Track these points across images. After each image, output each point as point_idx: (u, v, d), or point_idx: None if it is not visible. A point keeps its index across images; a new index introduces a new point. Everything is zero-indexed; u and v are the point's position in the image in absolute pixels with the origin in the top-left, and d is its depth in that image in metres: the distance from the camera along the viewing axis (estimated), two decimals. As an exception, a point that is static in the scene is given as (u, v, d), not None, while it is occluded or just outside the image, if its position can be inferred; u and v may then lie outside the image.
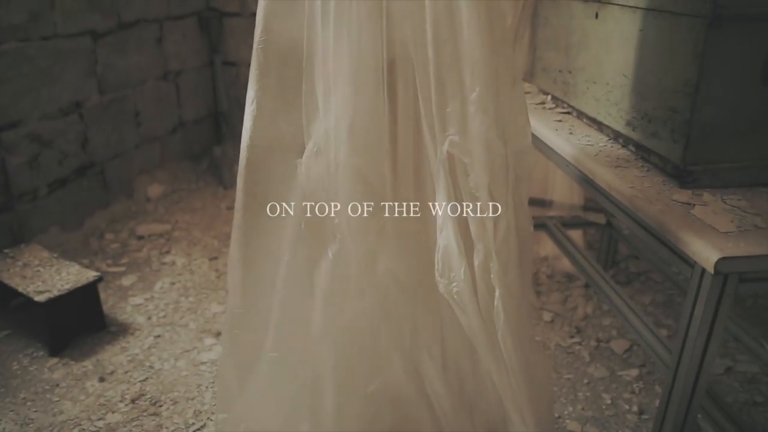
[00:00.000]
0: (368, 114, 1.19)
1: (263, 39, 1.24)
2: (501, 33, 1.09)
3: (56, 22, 2.68)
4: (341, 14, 1.12)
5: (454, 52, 1.06)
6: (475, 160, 1.10)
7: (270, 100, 1.28)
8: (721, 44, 1.14)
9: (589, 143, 1.49)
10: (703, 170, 1.22)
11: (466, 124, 1.09)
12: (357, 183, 1.25)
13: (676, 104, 1.23)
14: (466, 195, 1.14)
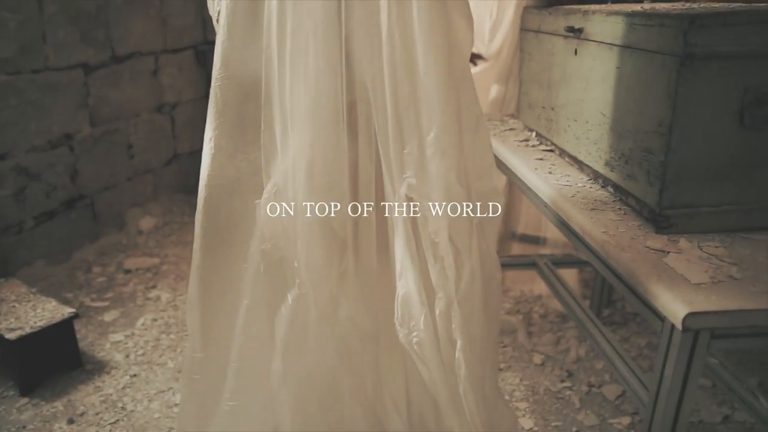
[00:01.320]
0: (327, 155, 1.14)
1: (221, 76, 1.20)
2: (462, 73, 1.04)
3: (47, 55, 2.69)
4: (298, 53, 1.08)
5: (411, 93, 1.01)
6: (434, 205, 1.04)
7: (228, 138, 1.24)
8: (695, 83, 1.08)
9: (567, 184, 1.43)
10: (680, 215, 1.15)
11: (424, 167, 1.03)
12: (317, 226, 1.20)
13: (651, 145, 1.17)
14: (426, 241, 1.09)
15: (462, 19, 1.00)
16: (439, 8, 0.98)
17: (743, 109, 1.10)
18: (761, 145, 1.13)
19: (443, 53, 0.99)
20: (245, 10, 1.15)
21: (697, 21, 1.05)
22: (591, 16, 1.42)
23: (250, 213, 1.27)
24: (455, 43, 1.01)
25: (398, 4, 0.98)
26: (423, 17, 0.96)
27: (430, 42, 0.97)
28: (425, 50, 0.98)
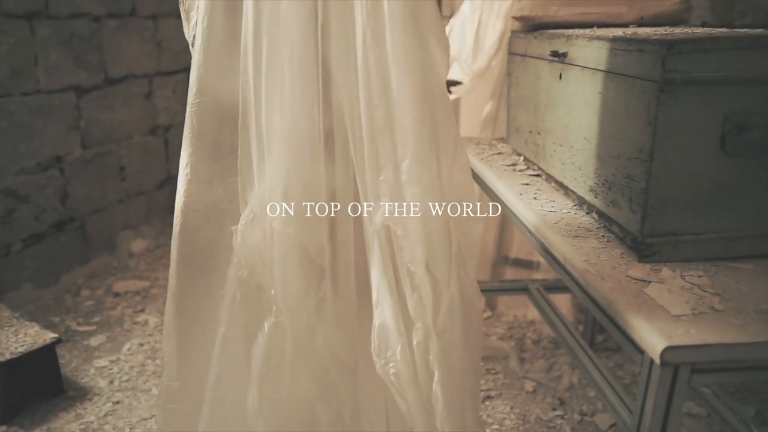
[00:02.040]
0: (304, 181, 1.13)
1: (196, 101, 1.19)
2: (438, 98, 1.03)
3: (39, 78, 2.69)
4: (273, 78, 1.06)
5: (386, 118, 1.00)
6: (410, 232, 1.02)
7: (205, 164, 1.23)
8: (674, 110, 1.06)
9: (551, 210, 1.41)
10: (662, 243, 1.13)
11: (400, 194, 1.01)
12: (294, 252, 1.17)
13: (633, 172, 1.15)
14: (403, 269, 1.06)
15: (437, 44, 0.99)
16: (414, 33, 0.97)
17: (725, 136, 1.09)
18: (744, 172, 1.11)
19: (418, 78, 0.98)
20: (221, 35, 1.14)
21: (676, 47, 1.03)
22: (574, 41, 1.41)
23: (228, 239, 1.24)
24: (431, 68, 1.00)
25: (372, 29, 0.97)
26: (396, 42, 0.95)
27: (404, 67, 0.96)
28: (399, 75, 0.96)
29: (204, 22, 1.16)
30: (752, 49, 1.04)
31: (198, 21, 1.18)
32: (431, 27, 0.99)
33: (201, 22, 1.17)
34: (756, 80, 1.06)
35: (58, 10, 2.76)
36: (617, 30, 1.43)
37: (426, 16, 0.97)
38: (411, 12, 0.95)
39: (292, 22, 1.03)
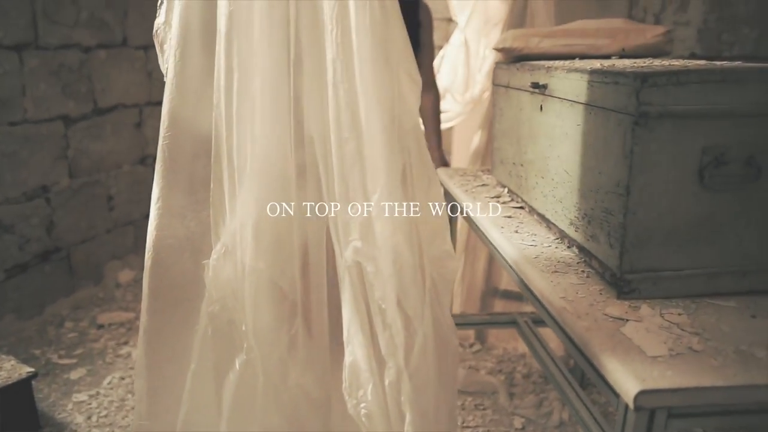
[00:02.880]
0: (275, 216, 1.10)
1: (168, 134, 1.17)
2: (411, 133, 1.01)
3: (26, 108, 2.69)
4: (244, 111, 1.05)
5: (356, 152, 0.98)
6: (380, 269, 0.99)
7: (177, 197, 1.20)
8: (650, 143, 1.04)
9: (532, 244, 1.38)
10: (642, 279, 1.10)
11: (370, 229, 0.99)
12: (265, 288, 1.14)
13: (611, 206, 1.13)
14: (374, 307, 1.03)
15: (408, 78, 0.98)
16: (384, 67, 0.95)
17: (703, 170, 1.06)
18: (724, 206, 1.09)
19: (388, 112, 0.96)
20: (193, 67, 1.12)
21: (650, 80, 1.02)
22: (554, 72, 1.40)
23: (200, 274, 1.22)
24: (402, 102, 0.98)
25: (342, 62, 0.95)
26: (365, 75, 0.93)
27: (374, 100, 0.94)
28: (368, 108, 0.95)
29: (176, 54, 1.15)
30: (727, 82, 1.03)
31: (170, 53, 1.16)
32: (402, 61, 0.97)
33: (173, 54, 1.15)
34: (732, 113, 1.04)
35: (47, 41, 2.77)
36: (597, 62, 1.42)
37: (397, 49, 0.96)
38: (381, 45, 0.94)
39: (264, 54, 1.02)
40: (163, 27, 1.17)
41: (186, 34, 1.12)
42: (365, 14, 0.91)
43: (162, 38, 1.21)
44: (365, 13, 0.91)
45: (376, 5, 0.90)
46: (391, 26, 0.94)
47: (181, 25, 1.12)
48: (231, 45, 1.02)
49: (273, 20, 1.00)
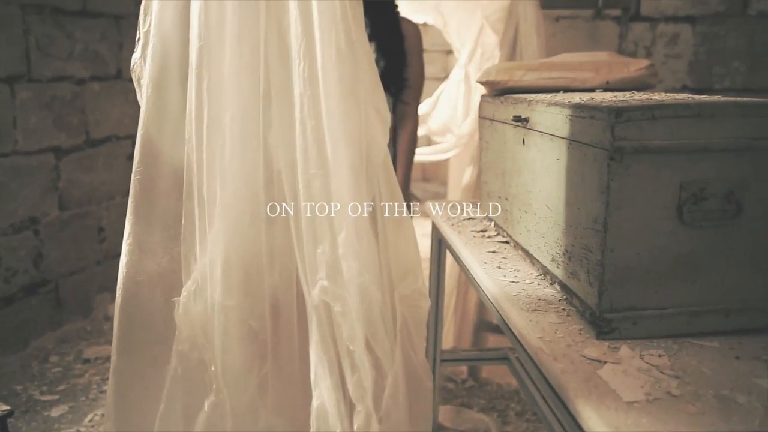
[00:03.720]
0: (244, 253, 1.08)
1: (140, 169, 1.16)
2: (380, 169, 0.99)
3: (17, 139, 2.69)
4: (214, 147, 1.03)
5: (324, 188, 0.95)
6: (348, 309, 0.96)
7: (148, 233, 1.18)
8: (626, 179, 1.02)
9: (514, 280, 1.35)
10: (622, 318, 1.06)
11: (337, 268, 0.96)
12: (235, 327, 1.11)
13: (589, 242, 1.10)
14: (342, 348, 0.99)
15: (377, 114, 0.96)
16: (351, 102, 0.93)
17: (682, 206, 1.04)
18: (705, 243, 1.06)
19: (356, 148, 0.94)
20: (167, 102, 1.11)
21: (624, 114, 1.00)
22: (535, 106, 1.38)
23: (171, 311, 1.19)
24: (371, 139, 0.96)
25: (309, 97, 0.94)
26: (332, 111, 0.91)
27: (341, 136, 0.93)
28: (335, 144, 0.92)
29: (149, 88, 1.14)
30: (702, 116, 1.01)
31: (144, 87, 1.15)
32: (371, 97, 0.96)
33: (146, 88, 1.14)
34: (709, 148, 1.02)
35: (40, 73, 2.78)
36: (578, 95, 1.41)
37: (365, 84, 0.94)
38: (347, 80, 0.92)
39: (234, 89, 1.01)
40: (140, 62, 1.17)
41: (159, 69, 1.11)
42: (331, 49, 0.90)
43: (139, 73, 1.20)
44: (331, 47, 0.90)
45: (342, 40, 0.89)
46: (359, 61, 0.93)
47: (155, 59, 1.11)
48: (201, 79, 1.00)
49: (243, 55, 0.99)
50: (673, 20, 2.61)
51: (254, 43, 0.98)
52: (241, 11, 0.96)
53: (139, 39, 1.13)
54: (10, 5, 2.64)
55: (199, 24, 0.97)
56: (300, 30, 0.91)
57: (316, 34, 0.89)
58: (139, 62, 1.15)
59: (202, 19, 0.97)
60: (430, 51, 6.65)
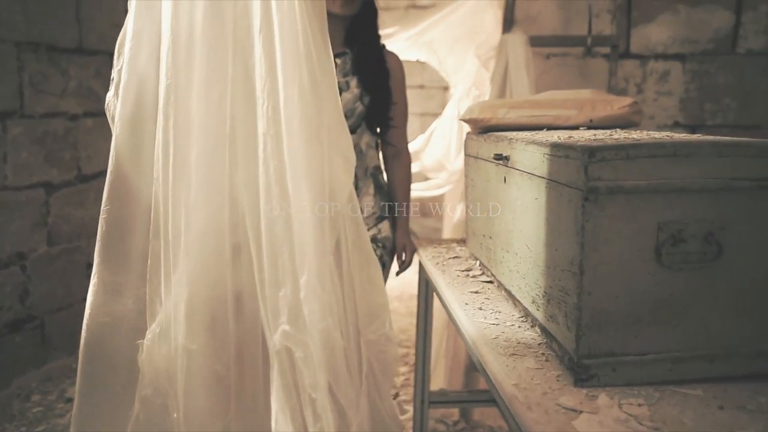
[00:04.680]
0: (209, 295, 1.04)
1: (107, 208, 1.13)
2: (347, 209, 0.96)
3: (6, 174, 2.68)
4: (180, 185, 1.00)
5: (286, 231, 0.93)
6: (310, 355, 0.92)
7: (114, 273, 1.15)
8: (602, 220, 0.99)
9: (494, 322, 1.31)
10: (600, 365, 1.02)
11: (299, 312, 0.92)
12: (199, 371, 1.07)
13: (567, 285, 1.06)
14: (304, 396, 0.95)
15: (340, 155, 0.94)
16: (314, 143, 0.91)
17: (660, 248, 1.00)
18: (685, 286, 1.02)
19: (318, 190, 0.91)
20: (135, 141, 1.10)
21: (597, 154, 0.97)
22: (515, 144, 1.36)
23: (135, 355, 1.15)
24: (335, 180, 0.93)
25: (272, 137, 0.92)
26: (294, 151, 0.89)
27: (304, 178, 0.90)
28: (297, 186, 0.90)
29: (119, 126, 1.12)
30: (678, 156, 0.98)
31: (116, 126, 1.14)
32: (335, 137, 0.94)
33: (117, 126, 1.13)
34: (687, 189, 0.99)
35: (33, 109, 2.79)
36: (559, 133, 1.39)
37: (329, 125, 0.92)
38: (310, 121, 0.90)
39: (200, 128, 0.99)
40: (113, 100, 1.16)
41: (131, 107, 1.10)
42: (293, 88, 0.88)
43: (112, 111, 1.19)
44: (293, 87, 0.88)
45: (306, 79, 0.87)
46: (323, 100, 0.91)
47: (126, 98, 1.10)
48: (168, 118, 0.99)
49: (210, 94, 0.97)
50: (663, 58, 2.61)
51: (222, 83, 0.97)
52: (210, 50, 0.95)
53: (113, 78, 1.13)
54: (5, 43, 2.66)
55: (166, 63, 0.96)
56: (264, 69, 0.89)
57: (279, 74, 0.87)
58: (112, 100, 1.14)
59: (170, 59, 0.95)
60: (429, 87, 6.69)
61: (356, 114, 1.76)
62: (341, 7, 1.66)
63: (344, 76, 1.76)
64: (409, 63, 3.54)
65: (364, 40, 1.75)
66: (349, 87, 1.76)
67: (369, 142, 1.84)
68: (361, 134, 1.81)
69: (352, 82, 1.76)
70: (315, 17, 0.92)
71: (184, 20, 0.93)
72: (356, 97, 1.76)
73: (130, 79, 1.08)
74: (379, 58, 1.80)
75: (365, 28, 1.75)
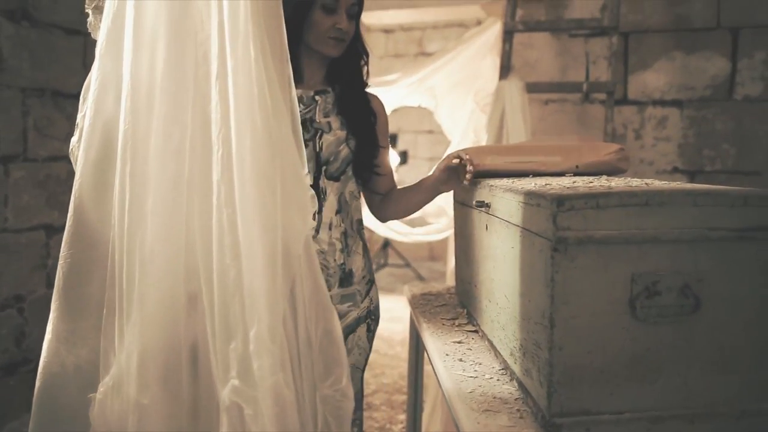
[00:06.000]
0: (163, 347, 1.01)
1: (65, 254, 1.12)
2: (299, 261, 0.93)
3: (7, 217, 2.70)
4: (135, 232, 0.99)
5: (237, 280, 0.90)
6: (260, 412, 0.88)
7: (69, 322, 1.13)
8: (572, 271, 0.95)
9: (473, 375, 1.26)
10: (574, 424, 0.97)
11: (249, 367, 0.89)
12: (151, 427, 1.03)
13: (539, 338, 1.02)
14: (255, 457, 0.91)
15: (296, 206, 0.92)
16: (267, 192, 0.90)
17: (634, 300, 0.97)
18: (662, 340, 0.98)
19: (270, 241, 0.89)
20: (95, 186, 1.09)
21: (566, 203, 0.95)
22: (495, 191, 1.34)
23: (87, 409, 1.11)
24: (290, 229, 0.91)
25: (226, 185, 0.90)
26: (246, 200, 0.88)
27: (256, 227, 0.88)
28: (249, 235, 0.88)
29: (80, 172, 1.12)
30: (650, 205, 0.96)
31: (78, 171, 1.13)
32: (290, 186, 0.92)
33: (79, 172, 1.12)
34: (660, 239, 0.96)
35: (36, 153, 2.83)
36: (539, 180, 1.36)
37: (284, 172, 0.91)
38: (263, 168, 0.89)
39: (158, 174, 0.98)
40: (77, 145, 1.16)
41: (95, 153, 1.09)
42: (246, 136, 0.87)
43: (76, 156, 1.19)
44: (246, 135, 0.87)
45: (259, 127, 0.87)
46: (279, 149, 0.90)
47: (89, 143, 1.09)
48: (125, 164, 0.98)
49: (169, 140, 0.96)
50: (660, 104, 2.60)
51: (181, 129, 0.96)
52: (170, 96, 0.95)
53: (77, 123, 1.13)
54: (11, 89, 2.72)
55: (125, 108, 0.96)
56: (220, 116, 0.89)
57: (231, 121, 0.87)
58: (76, 145, 1.14)
59: (129, 104, 0.95)
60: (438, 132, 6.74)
61: (341, 158, 1.59)
62: (339, 50, 1.57)
63: (325, 116, 1.60)
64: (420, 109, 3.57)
65: (348, 78, 1.63)
66: (331, 128, 1.59)
67: (353, 192, 1.66)
68: (345, 182, 1.63)
69: (334, 123, 1.60)
70: (276, 61, 0.92)
71: (144, 65, 0.93)
72: (340, 140, 1.59)
73: (95, 124, 1.08)
74: (364, 98, 1.67)
75: (350, 65, 1.62)
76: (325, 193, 1.59)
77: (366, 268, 1.67)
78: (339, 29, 1.53)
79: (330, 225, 1.59)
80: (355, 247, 1.64)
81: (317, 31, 1.53)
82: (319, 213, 1.57)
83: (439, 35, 6.96)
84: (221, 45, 0.88)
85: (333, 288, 1.58)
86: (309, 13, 1.52)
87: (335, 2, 1.52)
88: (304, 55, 1.60)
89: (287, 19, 1.44)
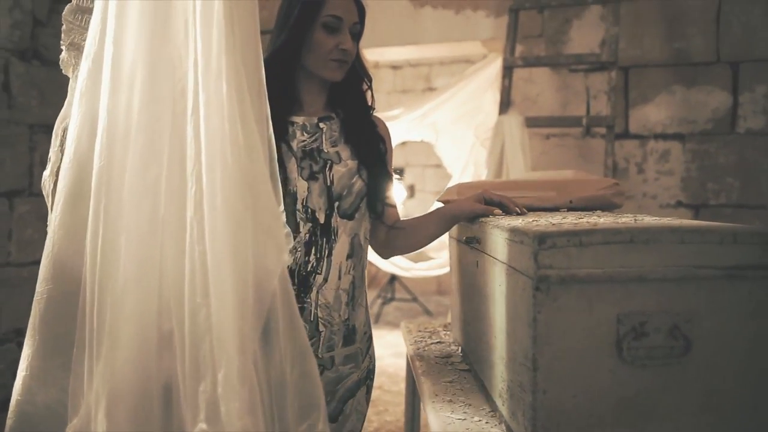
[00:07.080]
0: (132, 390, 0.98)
1: (40, 290, 1.10)
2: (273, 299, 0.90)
3: (10, 251, 2.71)
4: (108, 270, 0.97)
5: (207, 320, 0.88)
6: None
7: (41, 360, 1.10)
8: (554, 311, 0.92)
9: (461, 417, 1.22)
10: (559, 471, 0.93)
11: (217, 410, 0.86)
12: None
13: (523, 380, 0.99)
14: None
15: (271, 244, 0.90)
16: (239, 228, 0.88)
17: (620, 342, 0.93)
18: (651, 384, 0.94)
19: (241, 278, 0.87)
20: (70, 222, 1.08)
21: (548, 240, 0.92)
22: (484, 227, 1.32)
23: None
24: (262, 267, 0.89)
25: (198, 221, 0.89)
26: (217, 236, 0.86)
27: (227, 265, 0.86)
28: (219, 273, 0.86)
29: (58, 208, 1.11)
30: (635, 242, 0.93)
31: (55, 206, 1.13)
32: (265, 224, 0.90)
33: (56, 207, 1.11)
34: (646, 277, 0.93)
35: (41, 187, 2.85)
36: (529, 216, 1.34)
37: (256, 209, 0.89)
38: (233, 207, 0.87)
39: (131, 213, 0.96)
40: (49, 179, 1.15)
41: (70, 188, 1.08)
42: (216, 172, 0.86)
43: (48, 190, 1.18)
44: (216, 171, 0.86)
45: (230, 163, 0.86)
46: (252, 186, 0.88)
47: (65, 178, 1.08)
48: (99, 200, 0.97)
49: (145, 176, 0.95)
50: (662, 137, 2.58)
51: (157, 165, 0.95)
52: (146, 132, 0.94)
53: (50, 158, 1.12)
54: (19, 125, 2.76)
55: (101, 144, 0.95)
56: (193, 152, 0.88)
57: (203, 157, 0.86)
58: (48, 179, 1.13)
59: (105, 139, 0.95)
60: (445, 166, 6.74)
61: (354, 192, 1.42)
62: (341, 73, 1.42)
63: (333, 145, 1.44)
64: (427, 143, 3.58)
65: (352, 103, 1.49)
66: (341, 159, 1.43)
67: (366, 232, 1.48)
68: (360, 221, 1.44)
69: (343, 153, 1.44)
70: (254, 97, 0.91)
71: (122, 101, 0.93)
72: (352, 172, 1.43)
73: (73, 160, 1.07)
74: (371, 123, 1.52)
75: (352, 88, 1.48)
76: (337, 233, 1.40)
77: (366, 322, 1.51)
78: (342, 50, 1.38)
79: (340, 272, 1.40)
80: (360, 299, 1.46)
81: (318, 52, 1.38)
82: (329, 257, 1.39)
83: (447, 71, 7.02)
84: (195, 80, 0.88)
85: (336, 347, 1.41)
86: (309, 34, 1.37)
87: (338, 21, 1.37)
88: (302, 81, 1.45)
89: (285, 42, 1.43)
